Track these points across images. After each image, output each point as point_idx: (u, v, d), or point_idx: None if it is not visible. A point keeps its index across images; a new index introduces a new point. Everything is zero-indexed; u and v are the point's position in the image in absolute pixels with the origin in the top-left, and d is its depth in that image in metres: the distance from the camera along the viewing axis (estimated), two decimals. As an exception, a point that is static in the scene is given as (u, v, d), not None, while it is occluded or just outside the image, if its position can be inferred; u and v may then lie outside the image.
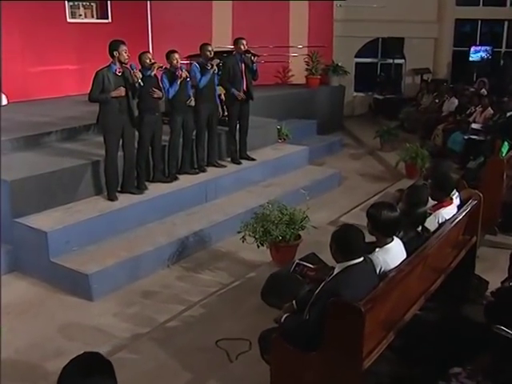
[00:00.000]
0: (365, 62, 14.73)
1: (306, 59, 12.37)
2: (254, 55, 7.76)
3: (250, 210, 6.67)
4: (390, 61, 14.54)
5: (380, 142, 11.05)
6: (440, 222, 4.30)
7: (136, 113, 6.60)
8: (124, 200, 6.55)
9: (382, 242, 3.54)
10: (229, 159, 8.27)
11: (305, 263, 3.93)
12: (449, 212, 4.38)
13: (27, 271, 5.88)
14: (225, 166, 8.01)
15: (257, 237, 5.60)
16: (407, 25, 13.65)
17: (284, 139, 9.90)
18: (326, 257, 4.00)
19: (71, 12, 10.59)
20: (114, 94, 6.20)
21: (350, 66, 13.75)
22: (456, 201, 4.65)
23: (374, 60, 14.86)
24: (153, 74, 6.69)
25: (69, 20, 10.47)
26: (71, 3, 10.52)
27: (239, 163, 8.20)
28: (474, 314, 4.13)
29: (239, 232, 5.68)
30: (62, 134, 7.53)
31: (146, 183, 6.99)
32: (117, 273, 5.61)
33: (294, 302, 3.57)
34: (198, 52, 7.61)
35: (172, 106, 7.16)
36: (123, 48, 6.19)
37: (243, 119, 8.16)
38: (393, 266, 3.47)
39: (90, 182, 6.57)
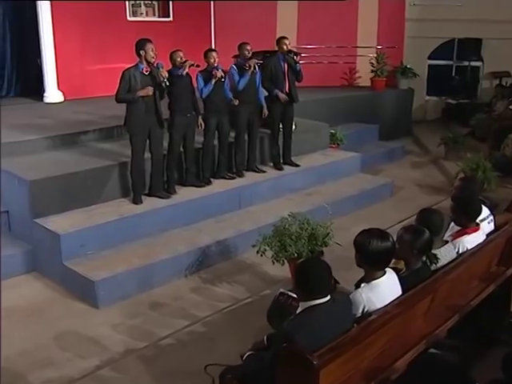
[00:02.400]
0: (439, 65, 13.80)
1: (372, 60, 11.73)
2: (297, 54, 7.33)
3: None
4: (466, 63, 13.57)
5: (444, 150, 10.24)
6: (461, 251, 3.69)
7: (163, 113, 6.35)
8: (149, 204, 6.33)
9: (370, 276, 3.03)
10: (271, 164, 7.88)
11: (289, 293, 3.47)
12: (473, 240, 3.76)
13: (44, 273, 5.80)
14: (265, 172, 7.62)
15: (273, 251, 5.19)
16: (486, 25, 12.57)
17: (338, 144, 9.34)
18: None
19: (132, 11, 10.63)
20: (141, 93, 5.99)
21: (422, 68, 12.95)
22: (488, 226, 4.03)
23: (449, 62, 13.90)
24: (185, 72, 6.43)
25: (129, 18, 10.49)
26: (132, 2, 10.55)
27: (281, 169, 7.78)
28: (495, 363, 3.52)
29: (253, 246, 5.28)
30: (100, 134, 7.43)
31: (179, 187, 6.76)
32: (127, 281, 5.37)
33: (265, 337, 3.14)
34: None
35: (205, 106, 6.87)
36: (149, 46, 5.98)
37: (286, 122, 7.74)
38: (380, 305, 2.95)
39: (116, 183, 6.40)
